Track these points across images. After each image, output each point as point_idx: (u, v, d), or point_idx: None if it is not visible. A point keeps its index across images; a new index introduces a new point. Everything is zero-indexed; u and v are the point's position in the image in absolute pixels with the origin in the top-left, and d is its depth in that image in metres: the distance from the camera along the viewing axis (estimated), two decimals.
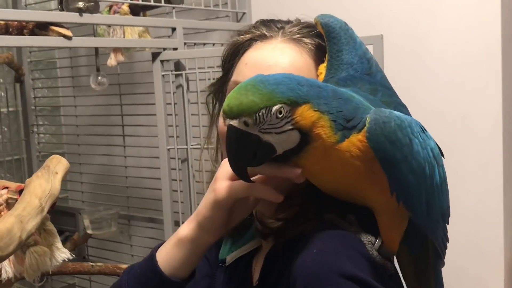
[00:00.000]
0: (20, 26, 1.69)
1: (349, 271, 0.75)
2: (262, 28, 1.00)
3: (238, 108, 0.73)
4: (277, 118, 0.74)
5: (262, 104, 0.73)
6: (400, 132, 0.76)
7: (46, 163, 1.17)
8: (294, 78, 0.77)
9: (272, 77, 0.76)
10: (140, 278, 0.91)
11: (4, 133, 2.79)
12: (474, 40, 1.88)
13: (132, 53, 2.40)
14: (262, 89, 0.73)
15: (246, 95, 0.73)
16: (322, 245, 0.80)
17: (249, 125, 0.74)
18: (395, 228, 0.84)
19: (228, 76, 1.01)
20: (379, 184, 0.79)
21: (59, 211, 2.66)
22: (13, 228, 0.95)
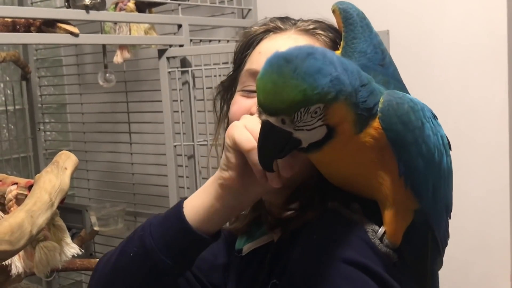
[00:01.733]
0: (27, 24, 1.70)
1: (350, 256, 0.76)
2: (277, 21, 1.01)
3: (278, 106, 0.69)
4: (312, 117, 0.71)
5: (302, 104, 0.69)
6: (413, 114, 0.76)
7: (55, 158, 1.18)
8: (335, 62, 0.71)
9: (310, 66, 0.69)
10: (164, 224, 0.87)
11: (10, 131, 2.80)
12: (480, 36, 1.88)
13: (138, 50, 2.41)
14: (301, 84, 0.68)
15: (286, 91, 0.68)
16: (323, 231, 0.81)
17: (286, 123, 0.71)
18: (398, 221, 0.83)
19: (239, 70, 1.02)
20: (388, 174, 0.79)
21: (66, 208, 2.67)
22: (24, 222, 0.96)
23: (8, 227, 0.93)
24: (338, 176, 0.85)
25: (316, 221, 0.83)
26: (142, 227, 0.89)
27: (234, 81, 1.05)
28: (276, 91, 0.69)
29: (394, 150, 0.77)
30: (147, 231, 0.87)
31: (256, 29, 1.02)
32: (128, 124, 2.65)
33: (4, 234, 0.91)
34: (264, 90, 0.70)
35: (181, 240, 0.84)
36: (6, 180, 1.22)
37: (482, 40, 1.88)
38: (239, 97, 0.98)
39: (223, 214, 0.85)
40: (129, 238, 0.91)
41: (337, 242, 0.78)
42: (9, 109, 2.76)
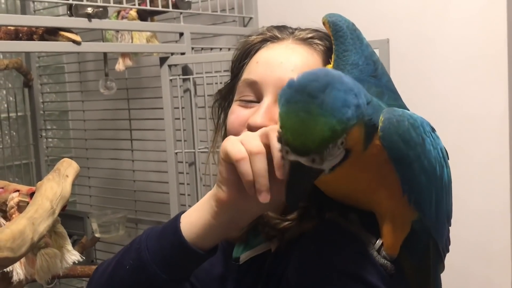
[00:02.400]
0: (29, 32, 1.72)
1: (346, 268, 0.76)
2: (274, 30, 1.01)
3: (309, 146, 0.66)
4: (338, 149, 0.69)
5: (332, 140, 0.66)
6: (413, 131, 0.75)
7: (56, 166, 1.19)
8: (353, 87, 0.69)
9: (334, 99, 0.66)
10: (161, 237, 0.85)
11: (12, 137, 2.81)
12: (480, 43, 1.89)
13: (140, 58, 2.42)
14: (329, 121, 0.65)
15: (316, 130, 0.65)
16: (320, 242, 0.80)
17: (316, 161, 0.68)
18: (396, 233, 0.83)
19: (236, 79, 1.02)
20: (387, 188, 0.79)
21: (67, 215, 2.68)
22: (26, 229, 0.96)
23: (10, 234, 0.93)
24: (338, 192, 0.84)
25: (314, 232, 0.83)
26: (139, 239, 0.88)
27: (231, 90, 1.04)
28: (306, 131, 0.66)
29: (396, 168, 0.76)
30: (144, 244, 0.86)
31: (253, 38, 1.01)
32: (130, 131, 2.66)
33: (6, 241, 0.91)
34: (292, 130, 0.66)
35: (177, 255, 0.83)
36: (8, 187, 1.22)
37: (482, 49, 1.88)
38: (237, 107, 0.98)
39: (220, 230, 0.83)
40: (126, 249, 0.90)
41: (334, 253, 0.78)
42: (11, 115, 2.77)
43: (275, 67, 0.93)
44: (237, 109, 0.97)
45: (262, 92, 0.94)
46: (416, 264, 0.92)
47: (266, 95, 0.93)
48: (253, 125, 0.90)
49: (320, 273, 0.76)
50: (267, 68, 0.94)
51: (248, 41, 1.02)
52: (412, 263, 0.92)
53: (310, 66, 0.94)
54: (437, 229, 0.86)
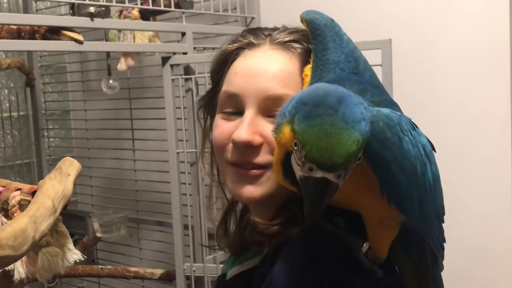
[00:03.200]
0: (32, 31, 1.71)
1: (328, 274, 0.75)
2: (250, 36, 0.98)
3: (337, 161, 0.65)
4: (356, 163, 0.69)
5: (357, 154, 0.67)
6: (388, 131, 0.72)
7: (58, 165, 1.18)
8: (363, 106, 0.69)
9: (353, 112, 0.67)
10: None
11: (14, 137, 2.81)
12: (482, 44, 1.88)
13: (142, 57, 2.42)
14: (354, 134, 0.65)
15: (341, 144, 0.65)
16: (302, 248, 0.79)
17: (341, 176, 0.67)
18: (384, 235, 0.81)
19: (218, 87, 1.00)
20: (373, 190, 0.77)
21: (69, 214, 2.68)
22: (27, 228, 0.96)
23: (11, 233, 0.93)
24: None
25: (298, 237, 0.82)
26: None
27: (213, 98, 1.03)
28: (333, 146, 0.65)
29: (373, 170, 0.73)
30: None
31: (230, 47, 0.99)
32: (132, 131, 2.66)
33: (7, 240, 0.91)
34: (318, 145, 0.65)
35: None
36: (10, 186, 1.22)
37: (485, 49, 1.88)
38: (220, 120, 0.97)
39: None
40: None
41: (317, 258, 0.77)
42: (13, 115, 2.78)
43: (254, 78, 0.92)
44: (220, 122, 0.96)
45: (243, 104, 0.92)
46: (416, 264, 0.91)
47: (247, 108, 0.92)
48: (238, 141, 0.90)
49: (302, 280, 0.75)
50: (246, 79, 0.92)
51: (224, 50, 1.00)
52: (411, 263, 0.91)
53: (289, 72, 0.93)
54: (424, 228, 0.83)
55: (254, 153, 0.90)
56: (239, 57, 0.97)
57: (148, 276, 2.36)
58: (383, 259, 0.81)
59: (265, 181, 0.91)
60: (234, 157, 0.93)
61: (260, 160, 0.91)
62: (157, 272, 2.35)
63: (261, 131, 0.90)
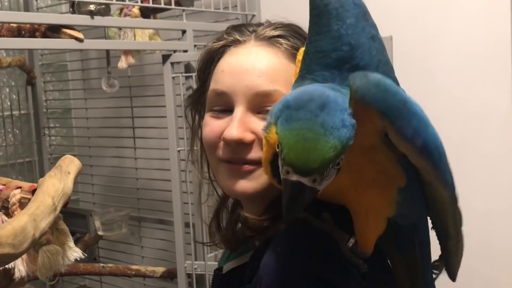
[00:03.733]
0: (32, 29, 1.71)
1: (312, 270, 0.75)
2: (235, 33, 0.99)
3: (312, 165, 0.66)
4: (335, 169, 0.69)
5: (334, 159, 0.66)
6: (384, 80, 0.71)
7: (58, 163, 1.18)
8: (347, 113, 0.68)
9: (334, 118, 0.66)
10: None
11: (16, 135, 2.82)
12: (484, 40, 1.88)
13: (143, 55, 2.42)
14: (331, 141, 0.65)
15: (318, 149, 0.65)
16: (287, 244, 0.79)
17: (316, 181, 0.67)
18: (371, 230, 0.81)
19: (206, 86, 1.00)
20: (362, 182, 0.77)
21: (70, 213, 2.68)
22: (27, 226, 0.96)
23: (11, 230, 0.93)
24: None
25: (283, 232, 0.82)
26: None
27: (200, 97, 1.04)
28: (309, 151, 0.65)
29: (391, 118, 0.70)
30: None
31: (215, 45, 0.99)
32: (133, 129, 2.66)
33: (7, 237, 0.91)
34: (295, 149, 0.66)
35: None
36: (10, 184, 1.22)
37: (486, 46, 1.88)
38: (209, 119, 0.97)
39: None
40: None
41: (300, 254, 0.77)
42: (14, 113, 2.78)
43: (241, 75, 0.92)
44: (210, 121, 0.96)
45: (232, 102, 0.93)
46: (408, 260, 0.91)
47: (237, 106, 0.92)
48: (229, 139, 0.90)
49: (286, 276, 0.75)
50: (233, 77, 0.93)
51: (210, 48, 1.00)
52: (403, 258, 0.91)
53: (276, 68, 0.93)
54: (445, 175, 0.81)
55: (246, 149, 0.91)
56: (225, 55, 0.97)
57: (150, 274, 2.36)
58: (369, 254, 0.82)
59: (258, 176, 0.91)
60: (226, 155, 0.93)
61: (253, 156, 0.91)
62: (159, 270, 2.35)
63: (251, 128, 0.91)
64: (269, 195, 0.92)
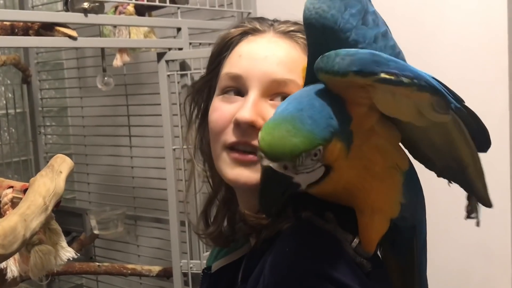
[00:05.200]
0: (25, 27, 1.70)
1: (319, 269, 0.75)
2: (254, 22, 0.99)
3: (281, 151, 0.69)
4: (312, 160, 0.71)
5: (304, 148, 0.69)
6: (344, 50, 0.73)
7: (50, 162, 1.17)
8: (326, 110, 0.73)
9: (309, 113, 0.71)
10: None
11: (11, 134, 2.80)
12: (480, 40, 1.87)
13: (138, 53, 2.40)
14: (303, 130, 0.70)
15: (288, 138, 0.69)
16: (294, 244, 0.80)
17: (288, 168, 0.70)
18: (374, 229, 0.83)
19: (216, 70, 0.99)
20: (371, 176, 0.79)
21: (66, 212, 2.68)
22: (17, 226, 0.95)
23: (1, 231, 0.92)
24: (323, 194, 0.84)
25: (289, 232, 0.83)
26: None
27: (207, 84, 1.02)
28: (280, 137, 0.69)
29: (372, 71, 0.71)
30: None
31: (233, 31, 0.99)
32: (128, 127, 2.65)
33: None
34: (267, 136, 0.70)
35: None
36: (2, 184, 1.21)
37: (483, 42, 1.87)
38: (219, 103, 0.95)
39: None
40: None
41: (306, 254, 0.78)
42: (10, 112, 2.77)
43: (259, 61, 0.92)
44: (220, 105, 0.95)
45: (247, 86, 0.92)
46: (403, 264, 0.93)
47: (251, 90, 0.91)
48: (242, 120, 0.89)
49: (289, 274, 0.76)
50: (251, 62, 0.92)
51: (228, 33, 1.00)
52: (398, 262, 0.93)
53: (294, 59, 0.93)
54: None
55: (254, 134, 0.89)
56: (242, 41, 0.97)
57: (146, 273, 2.36)
58: (371, 254, 0.83)
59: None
60: (234, 138, 0.91)
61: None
62: (155, 269, 2.34)
63: (263, 114, 0.90)
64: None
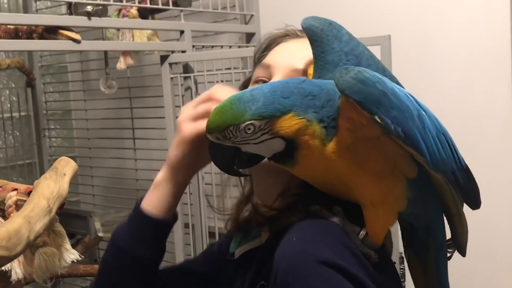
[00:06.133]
0: (29, 30, 1.71)
1: (327, 258, 0.77)
2: (296, 30, 1.08)
3: (209, 125, 0.82)
4: (247, 133, 0.80)
5: (230, 123, 0.80)
6: (365, 72, 0.78)
7: (54, 164, 1.18)
8: (281, 90, 0.81)
9: (255, 93, 0.81)
10: (129, 227, 1.02)
11: (16, 137, 2.82)
12: (483, 40, 1.87)
13: (142, 56, 2.41)
14: (235, 108, 0.80)
15: (219, 114, 0.81)
16: (302, 233, 0.82)
17: (220, 139, 0.82)
18: (379, 221, 0.86)
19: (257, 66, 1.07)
20: (365, 173, 0.82)
21: (71, 214, 2.68)
22: (21, 228, 0.95)
23: (5, 233, 0.92)
24: (321, 184, 0.89)
25: (297, 223, 0.85)
26: (111, 237, 1.04)
27: (250, 80, 1.09)
28: (213, 115, 0.82)
29: (369, 109, 0.76)
30: (116, 237, 1.03)
31: (276, 32, 1.09)
32: (132, 130, 2.66)
33: (1, 240, 0.91)
34: (212, 114, 0.83)
35: (146, 230, 1.00)
36: (6, 186, 1.21)
37: (485, 45, 1.87)
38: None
39: (175, 192, 1.01)
40: (104, 252, 1.06)
41: (314, 243, 0.80)
42: (14, 115, 2.78)
43: (287, 54, 1.02)
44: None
45: (272, 74, 1.00)
46: (423, 264, 0.96)
47: (274, 77, 0.99)
48: None
49: (298, 262, 0.77)
50: (281, 54, 1.02)
51: (271, 34, 1.10)
52: (419, 262, 0.97)
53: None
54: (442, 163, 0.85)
55: None
56: (282, 42, 1.06)
57: None
58: (379, 245, 0.86)
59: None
60: None
61: None
62: None
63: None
64: (283, 178, 0.94)
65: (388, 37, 1.59)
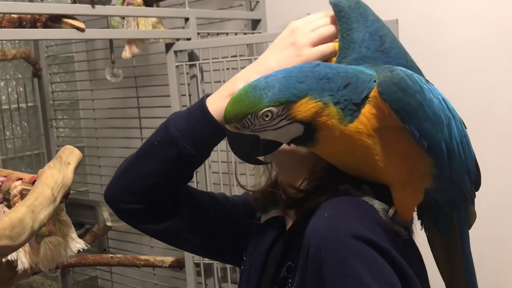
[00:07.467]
0: (33, 19, 1.70)
1: (360, 232, 0.79)
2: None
3: (227, 115, 0.82)
4: (265, 120, 0.81)
5: (247, 111, 0.80)
6: (409, 79, 0.79)
7: (58, 153, 1.17)
8: (295, 75, 0.81)
9: (270, 80, 0.81)
10: (189, 116, 0.98)
11: (23, 128, 2.82)
12: (492, 23, 1.84)
13: (147, 45, 2.40)
14: (251, 96, 0.80)
15: (236, 103, 0.81)
16: (333, 209, 0.83)
17: (239, 128, 0.83)
18: (408, 199, 0.87)
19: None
20: (389, 155, 0.83)
21: (79, 204, 2.69)
22: (25, 217, 0.95)
23: (8, 222, 0.92)
24: (346, 165, 0.90)
25: (327, 201, 0.86)
26: (166, 121, 1.00)
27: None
28: (230, 104, 0.82)
29: (403, 119, 0.79)
30: (171, 123, 0.98)
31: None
32: (139, 119, 2.65)
33: (4, 230, 0.90)
34: (228, 104, 0.83)
35: (204, 129, 0.95)
36: (11, 176, 1.22)
37: (494, 28, 1.84)
38: None
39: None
40: (154, 133, 1.02)
41: (346, 218, 0.81)
42: (21, 106, 2.78)
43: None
44: None
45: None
46: (447, 239, 0.98)
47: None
48: None
49: (330, 236, 0.79)
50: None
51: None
52: (442, 238, 0.98)
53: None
54: (456, 175, 0.89)
55: None
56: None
57: (159, 264, 2.37)
58: (408, 222, 0.89)
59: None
60: None
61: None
62: (167, 260, 2.35)
63: None
64: (307, 163, 0.96)
65: (395, 21, 1.56)
